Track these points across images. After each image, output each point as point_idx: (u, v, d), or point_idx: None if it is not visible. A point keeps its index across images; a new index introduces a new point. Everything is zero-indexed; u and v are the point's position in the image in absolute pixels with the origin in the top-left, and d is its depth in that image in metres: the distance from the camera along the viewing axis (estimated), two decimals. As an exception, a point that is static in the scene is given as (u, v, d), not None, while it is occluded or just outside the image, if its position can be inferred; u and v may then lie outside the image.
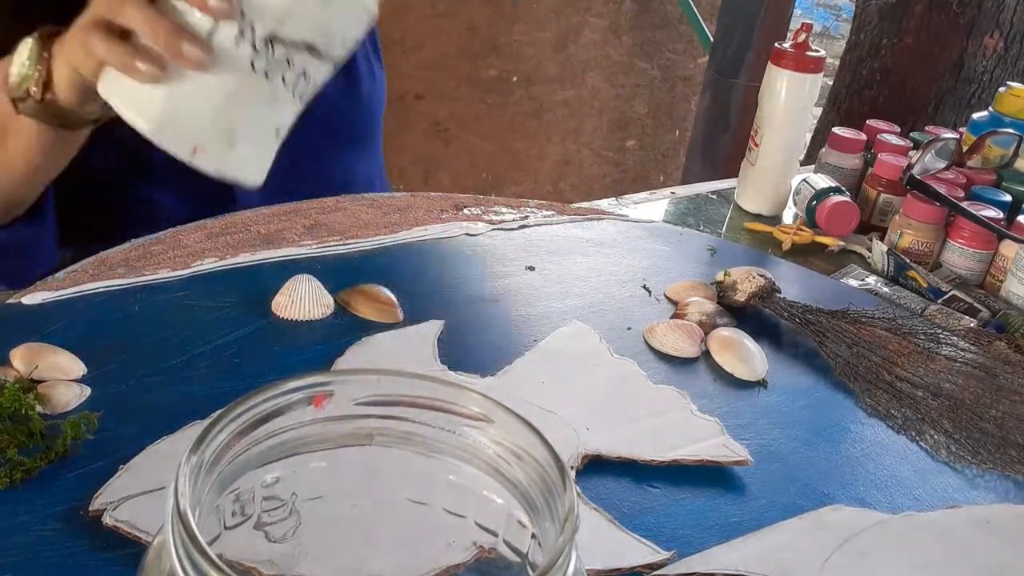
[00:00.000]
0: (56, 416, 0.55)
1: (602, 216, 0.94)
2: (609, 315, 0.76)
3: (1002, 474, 0.65)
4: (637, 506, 0.56)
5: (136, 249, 0.74)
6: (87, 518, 0.48)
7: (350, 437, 0.37)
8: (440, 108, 2.31)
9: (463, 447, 0.37)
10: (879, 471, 0.63)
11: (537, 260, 0.83)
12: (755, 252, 0.96)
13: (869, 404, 0.70)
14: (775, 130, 1.07)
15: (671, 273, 0.85)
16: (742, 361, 0.71)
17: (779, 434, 0.65)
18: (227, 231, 0.78)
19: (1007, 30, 1.71)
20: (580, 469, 0.58)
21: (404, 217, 0.86)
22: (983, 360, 0.76)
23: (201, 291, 0.70)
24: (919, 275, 0.94)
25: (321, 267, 0.75)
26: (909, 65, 1.78)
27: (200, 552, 0.27)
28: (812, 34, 1.05)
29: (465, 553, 0.41)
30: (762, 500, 0.58)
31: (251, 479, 0.36)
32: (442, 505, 0.39)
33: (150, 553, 0.33)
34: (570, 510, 0.32)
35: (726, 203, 1.15)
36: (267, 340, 0.66)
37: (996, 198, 1.03)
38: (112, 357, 0.61)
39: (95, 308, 0.66)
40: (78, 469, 0.52)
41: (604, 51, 2.53)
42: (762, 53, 1.95)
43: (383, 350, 0.66)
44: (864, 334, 0.77)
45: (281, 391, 0.35)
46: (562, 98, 2.53)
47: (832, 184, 1.06)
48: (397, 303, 0.71)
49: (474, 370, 0.66)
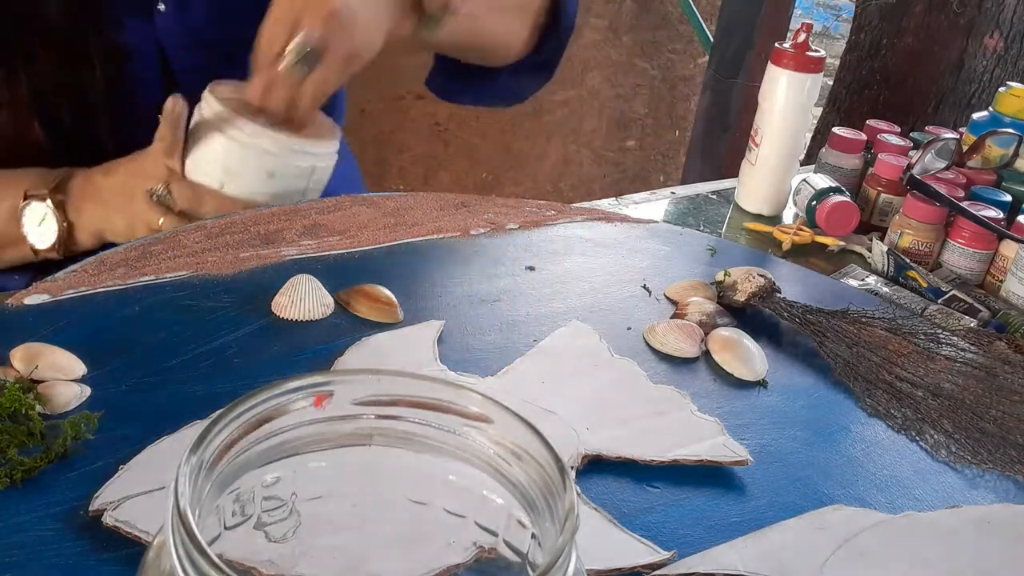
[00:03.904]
0: (56, 416, 0.55)
1: (602, 216, 0.94)
2: (609, 315, 0.76)
3: (1002, 474, 0.65)
4: (637, 506, 0.56)
5: (136, 249, 0.74)
6: (87, 518, 0.48)
7: (350, 437, 0.37)
8: (440, 108, 2.31)
9: (463, 447, 0.37)
10: (879, 471, 0.63)
11: (537, 260, 0.83)
12: (755, 252, 0.96)
13: (869, 404, 0.70)
14: (775, 130, 1.07)
15: (671, 273, 0.85)
16: (742, 361, 0.71)
17: (779, 434, 0.65)
18: (227, 231, 0.78)
19: (1007, 30, 1.71)
20: (580, 469, 0.58)
21: (404, 217, 0.86)
22: (983, 360, 0.76)
23: (201, 291, 0.70)
24: (919, 275, 0.94)
25: (321, 267, 0.75)
26: (909, 65, 1.78)
27: (200, 552, 0.27)
28: (812, 34, 1.05)
29: (465, 553, 0.41)
30: (762, 500, 0.58)
31: (251, 479, 0.36)
32: (442, 505, 0.39)
33: (150, 553, 0.33)
34: (570, 510, 0.32)
35: (726, 203, 1.15)
36: (267, 340, 0.66)
37: (996, 198, 1.03)
38: (112, 357, 0.61)
39: (95, 308, 0.66)
40: (78, 469, 0.52)
41: (604, 51, 2.53)
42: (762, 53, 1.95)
43: (383, 350, 0.66)
44: (864, 334, 0.77)
45: (281, 391, 0.35)
46: (562, 98, 2.52)
47: (832, 184, 1.06)
48: (397, 303, 0.71)
49: (474, 370, 0.66)
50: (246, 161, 0.78)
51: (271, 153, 0.78)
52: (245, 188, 0.79)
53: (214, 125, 0.78)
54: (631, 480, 0.58)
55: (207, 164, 0.78)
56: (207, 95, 0.79)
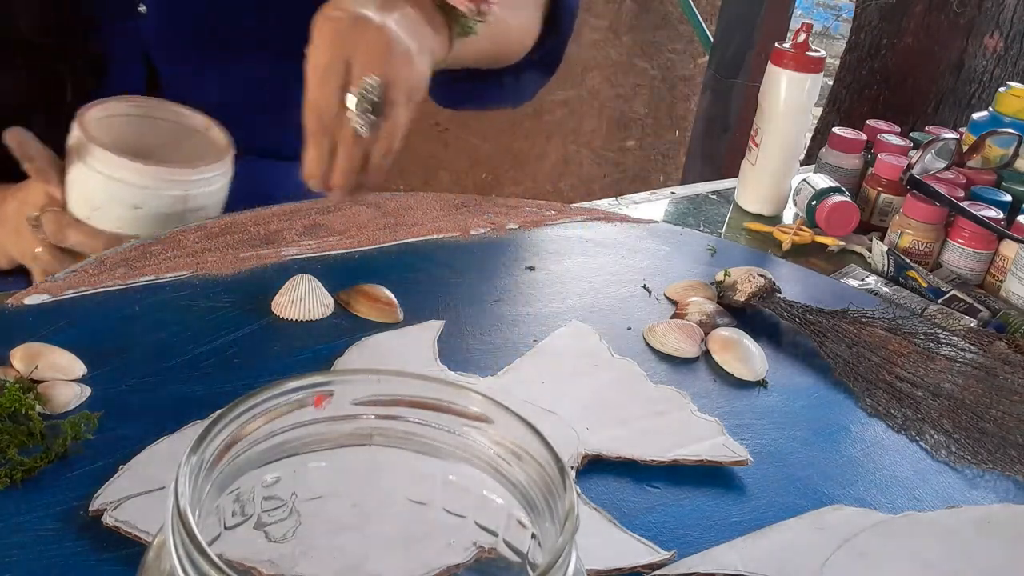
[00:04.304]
0: (56, 416, 0.55)
1: (602, 216, 0.94)
2: (609, 315, 0.76)
3: (1002, 474, 0.65)
4: (637, 506, 0.56)
5: (136, 249, 0.74)
6: (87, 518, 0.48)
7: (350, 437, 0.37)
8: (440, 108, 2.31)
9: (463, 447, 0.37)
10: (879, 471, 0.63)
11: (537, 260, 0.83)
12: (755, 252, 0.96)
13: (869, 404, 0.70)
14: (775, 130, 1.07)
15: (671, 273, 0.85)
16: (742, 361, 0.71)
17: (779, 434, 0.65)
18: (227, 231, 0.78)
19: (1007, 30, 1.71)
20: (580, 469, 0.58)
21: (404, 217, 0.86)
22: (983, 360, 0.76)
23: (201, 291, 0.70)
24: (919, 275, 0.94)
25: (321, 267, 0.75)
26: (909, 65, 1.78)
27: (200, 552, 0.27)
28: (812, 34, 1.05)
29: (465, 553, 0.41)
30: (762, 500, 0.58)
31: (251, 479, 0.36)
32: (442, 505, 0.39)
33: (150, 553, 0.33)
34: (570, 510, 0.32)
35: (726, 203, 1.15)
36: (267, 340, 0.66)
37: (996, 198, 1.03)
38: (112, 357, 0.61)
39: (95, 308, 0.66)
40: (78, 469, 0.52)
41: (604, 51, 2.53)
42: (762, 53, 1.95)
43: (383, 350, 0.66)
44: (864, 334, 0.77)
45: (281, 391, 0.35)
46: (562, 98, 2.52)
47: (832, 184, 1.06)
48: (397, 303, 0.71)
49: (474, 370, 0.66)
50: (108, 193, 0.72)
51: (133, 185, 0.71)
52: (110, 221, 0.73)
53: (77, 154, 0.72)
54: (631, 480, 0.58)
55: (75, 194, 0.73)
56: (76, 119, 0.72)
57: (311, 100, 0.67)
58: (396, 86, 0.67)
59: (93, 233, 0.73)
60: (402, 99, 0.68)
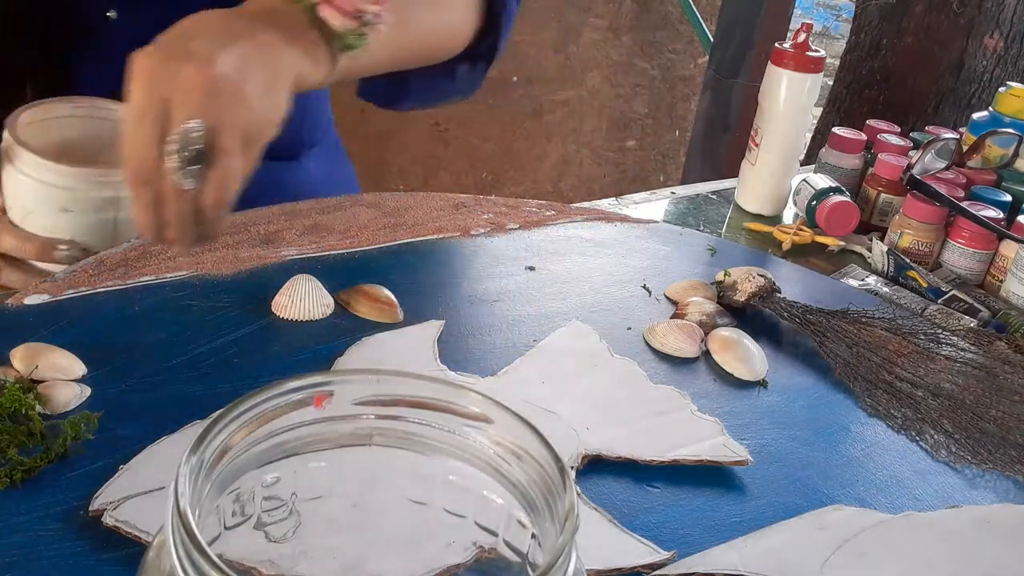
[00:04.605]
0: (56, 416, 0.55)
1: (602, 216, 0.94)
2: (609, 315, 0.76)
3: (1002, 474, 0.65)
4: (637, 506, 0.56)
5: (136, 249, 0.74)
6: (87, 518, 0.48)
7: (350, 437, 0.37)
8: (440, 108, 2.31)
9: (463, 447, 0.37)
10: (879, 471, 0.63)
11: (537, 260, 0.83)
12: (755, 252, 0.96)
13: (869, 404, 0.70)
14: (775, 130, 1.07)
15: (671, 273, 0.85)
16: (742, 361, 0.71)
17: (779, 434, 0.65)
18: (227, 231, 0.78)
19: (1007, 30, 1.71)
20: (580, 469, 0.58)
21: (404, 217, 0.86)
22: (983, 360, 0.76)
23: (201, 291, 0.70)
24: (919, 275, 0.94)
25: (321, 267, 0.75)
26: (909, 65, 1.78)
27: (200, 552, 0.27)
28: (812, 34, 1.05)
29: (465, 553, 0.41)
30: (762, 500, 0.58)
31: (251, 479, 0.36)
32: (442, 505, 0.39)
33: (150, 553, 0.33)
34: (570, 510, 0.32)
35: (726, 203, 1.15)
36: (267, 340, 0.66)
37: (996, 198, 1.03)
38: (112, 357, 0.61)
39: (95, 308, 0.66)
40: (78, 469, 0.52)
41: (604, 51, 2.53)
42: (762, 53, 1.95)
43: (383, 350, 0.66)
44: (864, 334, 0.77)
45: (281, 391, 0.35)
46: (562, 98, 2.52)
47: (832, 184, 1.06)
48: (397, 303, 0.71)
49: (474, 370, 0.66)
50: (36, 196, 0.70)
51: (60, 187, 0.70)
52: (42, 224, 0.71)
53: (7, 157, 0.71)
54: (631, 480, 0.58)
55: (9, 199, 0.72)
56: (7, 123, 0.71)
57: (125, 151, 0.60)
58: (224, 131, 0.59)
59: (25, 237, 0.71)
60: (232, 145, 0.59)
